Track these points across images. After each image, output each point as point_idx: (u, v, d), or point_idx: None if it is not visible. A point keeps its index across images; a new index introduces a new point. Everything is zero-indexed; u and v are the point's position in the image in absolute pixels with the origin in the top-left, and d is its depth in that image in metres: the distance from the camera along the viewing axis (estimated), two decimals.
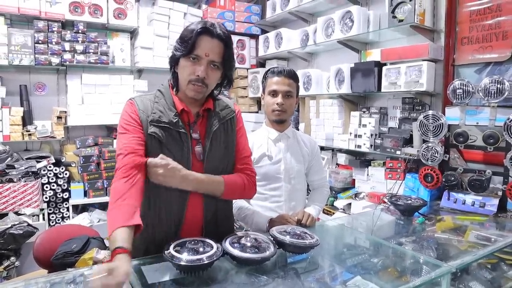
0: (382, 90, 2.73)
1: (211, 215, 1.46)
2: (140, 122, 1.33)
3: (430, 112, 2.26)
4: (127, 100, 1.41)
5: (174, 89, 1.42)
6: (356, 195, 2.99)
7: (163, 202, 1.36)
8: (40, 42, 3.41)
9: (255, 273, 1.28)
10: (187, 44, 1.29)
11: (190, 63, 1.31)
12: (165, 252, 1.21)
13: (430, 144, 2.26)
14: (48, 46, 3.45)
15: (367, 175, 2.96)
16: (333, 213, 2.91)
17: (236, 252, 1.27)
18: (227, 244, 1.31)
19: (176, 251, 1.22)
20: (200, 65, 1.30)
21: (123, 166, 1.26)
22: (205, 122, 1.44)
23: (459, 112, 2.23)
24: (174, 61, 1.37)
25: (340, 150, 3.24)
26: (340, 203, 2.98)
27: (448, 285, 1.37)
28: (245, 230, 1.84)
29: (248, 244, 1.33)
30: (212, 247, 1.25)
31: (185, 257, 1.18)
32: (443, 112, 2.34)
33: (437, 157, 2.23)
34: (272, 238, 1.40)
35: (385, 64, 2.75)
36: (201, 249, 1.23)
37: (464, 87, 2.15)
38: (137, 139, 1.31)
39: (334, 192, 3.10)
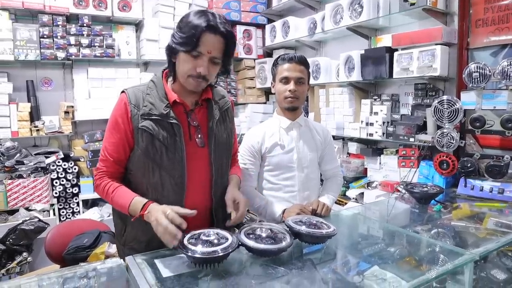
0: (394, 76, 2.67)
1: (220, 200, 1.45)
2: (128, 123, 1.34)
3: (445, 97, 2.20)
4: (121, 92, 1.41)
5: (170, 79, 1.40)
6: (369, 184, 2.95)
7: (159, 193, 1.37)
8: (45, 36, 3.38)
9: (271, 264, 1.25)
10: (190, 40, 1.26)
11: (191, 58, 1.29)
12: (179, 245, 1.18)
13: (445, 130, 2.20)
14: (53, 40, 3.42)
15: (380, 163, 2.91)
16: (346, 203, 2.88)
17: (252, 243, 1.24)
18: (242, 235, 1.28)
19: (190, 243, 1.19)
20: (201, 61, 1.29)
21: (105, 171, 1.39)
22: (205, 110, 1.45)
23: (475, 97, 2.17)
24: (172, 52, 1.34)
25: (351, 139, 3.19)
26: (352, 192, 2.95)
27: (471, 274, 1.33)
28: (259, 221, 1.81)
29: (264, 235, 1.30)
30: (227, 239, 1.22)
31: (199, 249, 1.15)
32: (458, 97, 2.27)
33: (452, 143, 2.17)
34: (287, 229, 1.37)
35: (396, 50, 2.68)
36: (216, 241, 1.21)
37: (481, 70, 2.08)
38: (114, 145, 1.37)
39: (346, 182, 3.06)
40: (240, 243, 1.24)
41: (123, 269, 1.25)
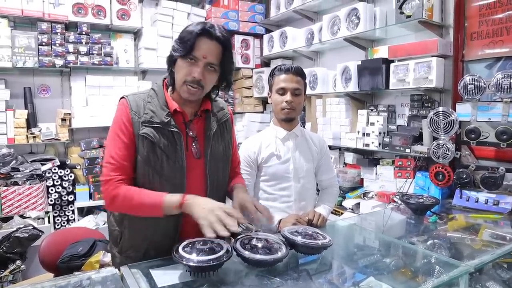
0: (390, 87, 2.69)
1: None
2: (131, 127, 1.33)
3: (441, 108, 2.22)
4: (120, 98, 1.40)
5: (170, 89, 1.41)
6: (365, 194, 2.94)
7: None
8: (43, 44, 3.39)
9: (266, 274, 1.24)
10: (186, 45, 1.28)
11: (187, 63, 1.30)
12: (174, 253, 1.18)
13: (441, 142, 2.21)
14: (51, 48, 3.44)
15: (376, 174, 2.92)
16: (342, 213, 2.87)
17: (247, 253, 1.23)
18: (237, 245, 1.27)
19: (185, 251, 1.19)
20: (197, 66, 1.30)
21: (121, 180, 1.32)
22: (203, 122, 1.44)
23: (470, 108, 2.19)
24: (172, 61, 1.36)
25: (348, 149, 3.19)
26: (348, 203, 2.93)
27: (467, 286, 1.33)
28: (255, 231, 1.80)
29: (259, 245, 1.29)
30: (221, 247, 1.22)
31: (194, 258, 1.15)
32: (454, 109, 2.29)
33: (448, 154, 2.18)
34: (283, 239, 1.36)
35: (392, 61, 2.70)
36: (210, 249, 1.20)
37: (476, 83, 2.11)
38: (125, 149, 1.33)
39: (342, 192, 3.05)
40: (235, 252, 1.23)
41: (118, 278, 1.24)
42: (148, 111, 1.34)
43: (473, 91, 2.12)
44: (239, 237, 1.35)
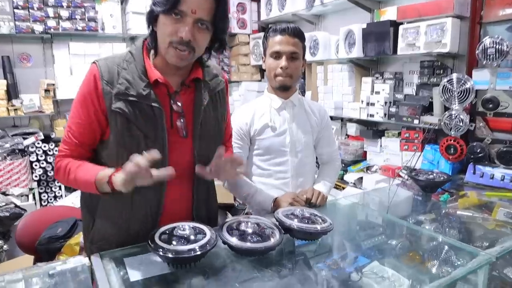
0: (398, 52, 2.48)
1: (202, 198, 1.28)
2: (99, 100, 1.11)
3: (455, 75, 2.02)
4: (92, 63, 1.16)
5: (152, 52, 1.17)
6: (368, 168, 2.82)
7: (135, 189, 1.12)
8: (19, 7, 3.17)
9: (258, 264, 1.10)
10: None
11: (171, 20, 1.05)
12: (150, 242, 1.02)
13: (454, 112, 2.03)
14: (29, 12, 3.20)
15: (380, 146, 2.78)
16: (343, 188, 2.76)
17: (234, 241, 1.09)
18: (224, 232, 1.12)
19: (162, 240, 1.03)
20: (184, 24, 1.05)
21: (68, 155, 1.18)
22: (192, 93, 1.21)
23: (488, 75, 1.98)
24: (152, 18, 1.10)
25: (351, 120, 3.04)
26: (350, 177, 2.81)
27: (486, 278, 1.17)
28: (246, 213, 1.65)
29: (249, 230, 1.14)
30: (204, 234, 1.07)
31: (172, 248, 1.00)
32: (469, 76, 2.09)
33: (461, 126, 2.00)
34: (277, 223, 1.21)
35: (401, 24, 2.47)
36: (192, 237, 1.05)
37: (497, 46, 1.89)
38: (89, 125, 1.14)
39: (344, 165, 2.93)
40: (222, 240, 1.09)
41: (87, 270, 1.09)
42: (122, 81, 1.10)
43: (494, 55, 1.91)
44: (226, 221, 1.18)
